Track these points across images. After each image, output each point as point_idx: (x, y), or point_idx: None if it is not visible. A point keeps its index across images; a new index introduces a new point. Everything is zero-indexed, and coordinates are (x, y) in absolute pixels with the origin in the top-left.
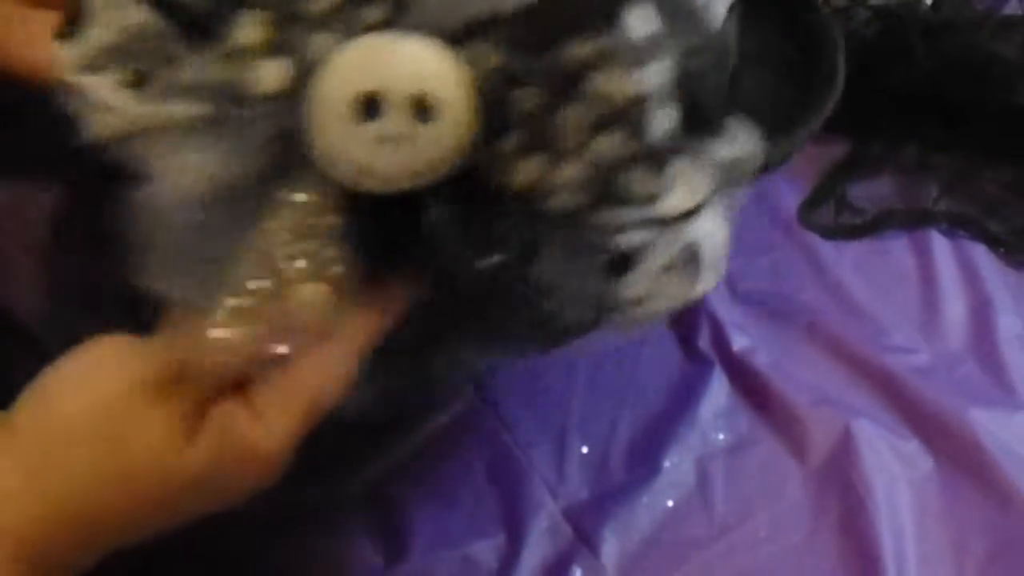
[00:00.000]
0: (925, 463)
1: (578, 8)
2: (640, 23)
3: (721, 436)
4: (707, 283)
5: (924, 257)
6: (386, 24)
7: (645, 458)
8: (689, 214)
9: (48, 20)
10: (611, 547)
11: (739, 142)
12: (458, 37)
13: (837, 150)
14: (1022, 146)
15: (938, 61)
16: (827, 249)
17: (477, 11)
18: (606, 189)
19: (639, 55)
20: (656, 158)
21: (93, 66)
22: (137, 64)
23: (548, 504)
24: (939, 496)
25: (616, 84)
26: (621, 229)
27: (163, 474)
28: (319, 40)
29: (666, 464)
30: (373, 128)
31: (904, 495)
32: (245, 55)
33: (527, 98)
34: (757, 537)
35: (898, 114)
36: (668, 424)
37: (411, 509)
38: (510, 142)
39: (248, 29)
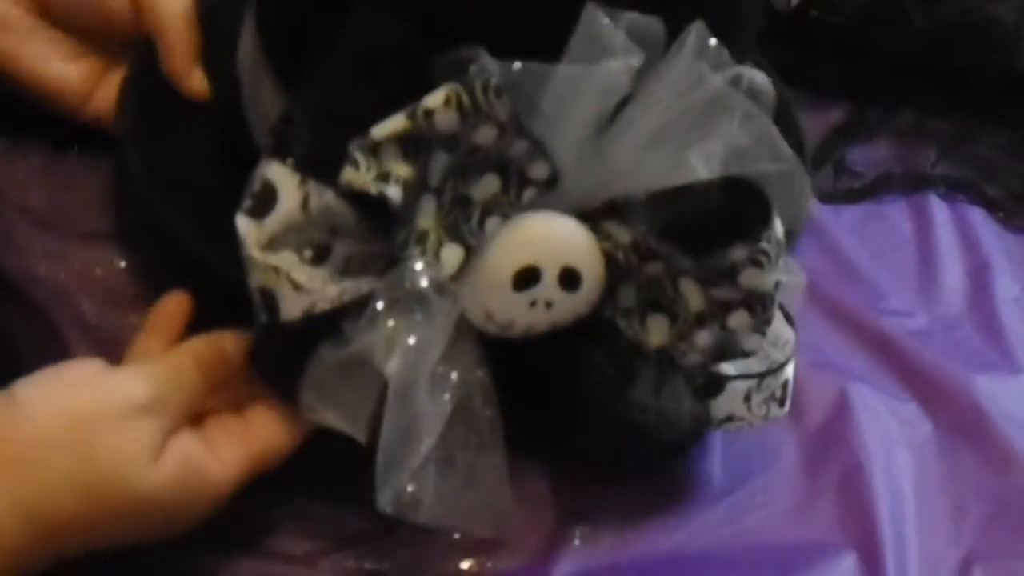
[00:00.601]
0: (923, 426)
1: (723, 210)
2: (780, 224)
3: None
4: (787, 406)
5: (922, 221)
6: (538, 204)
7: None
8: (787, 360)
9: (63, 42)
10: (608, 513)
11: (790, 271)
12: (596, 215)
13: (835, 115)
14: (1019, 110)
15: (935, 25)
16: (825, 213)
17: (613, 194)
18: (724, 349)
19: (780, 252)
20: (768, 323)
21: (277, 243)
22: (319, 240)
23: (546, 469)
24: (937, 459)
25: (761, 280)
26: (725, 378)
27: (129, 490)
28: (486, 222)
29: None
30: (528, 295)
31: (902, 458)
32: (425, 237)
33: (651, 268)
34: (754, 501)
35: (896, 78)
36: None
37: None
38: (628, 300)
39: (427, 215)
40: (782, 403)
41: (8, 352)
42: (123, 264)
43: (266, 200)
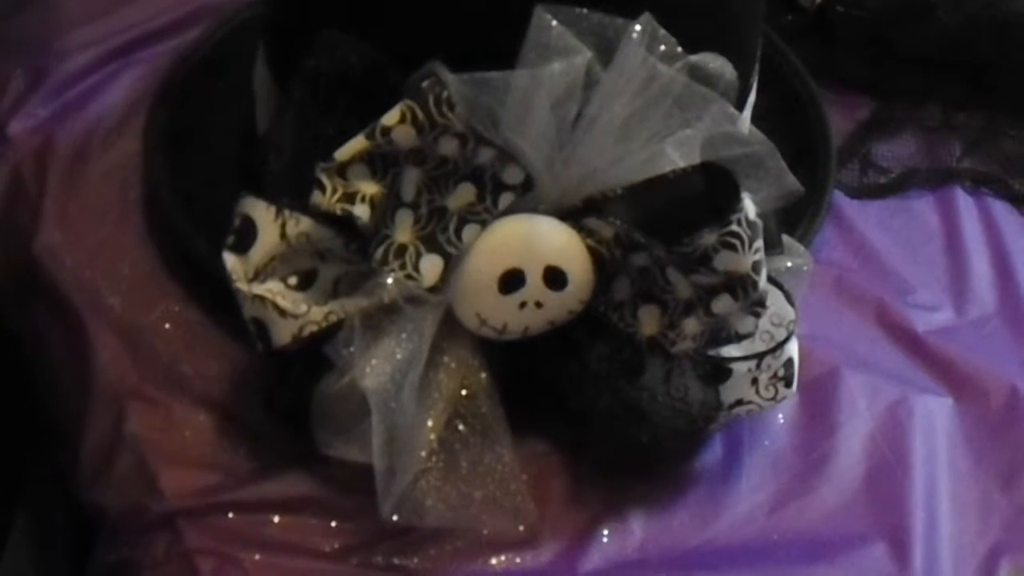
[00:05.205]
0: (952, 419)
1: (700, 196)
2: (751, 204)
3: None
4: (795, 385)
5: (948, 215)
6: (516, 208)
7: None
8: (786, 339)
9: None
10: (637, 508)
11: (794, 253)
12: (576, 212)
13: (861, 110)
14: None
15: (960, 20)
16: (852, 207)
17: (591, 191)
18: (717, 334)
19: (755, 234)
20: (760, 304)
21: (264, 274)
22: (304, 266)
23: (570, 465)
24: (966, 452)
25: (736, 262)
26: (725, 360)
27: None
28: (463, 231)
29: None
30: (516, 297)
31: (933, 450)
32: (403, 251)
33: (638, 259)
34: (784, 494)
35: (921, 73)
36: None
37: None
38: (623, 292)
39: (404, 229)
40: (788, 383)
41: (37, 347)
42: (150, 262)
43: (247, 234)
